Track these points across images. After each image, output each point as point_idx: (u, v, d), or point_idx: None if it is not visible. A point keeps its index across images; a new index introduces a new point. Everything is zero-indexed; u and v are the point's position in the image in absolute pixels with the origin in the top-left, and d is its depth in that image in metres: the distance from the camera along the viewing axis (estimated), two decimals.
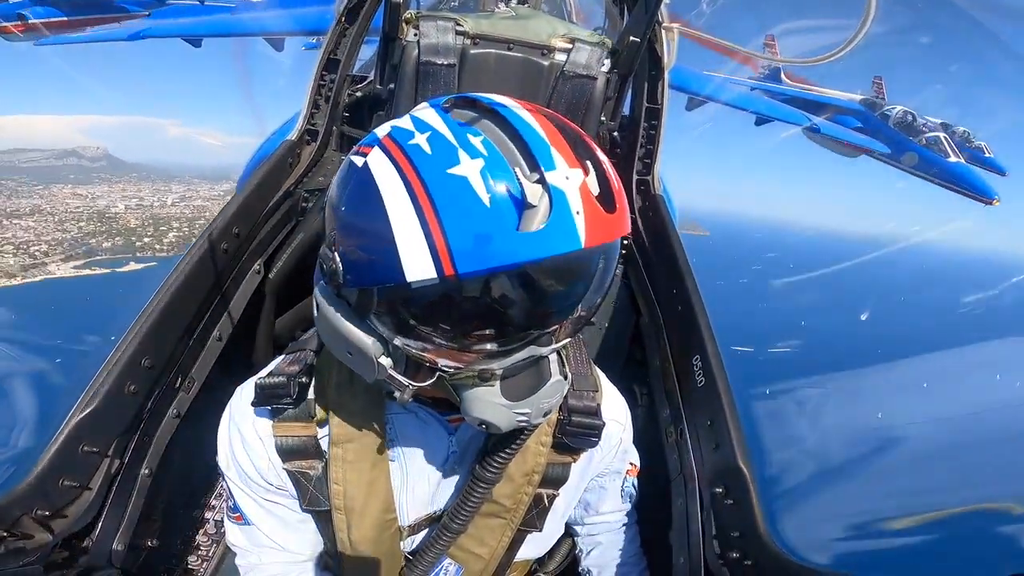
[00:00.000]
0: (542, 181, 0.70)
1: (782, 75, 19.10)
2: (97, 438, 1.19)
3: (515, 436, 0.99)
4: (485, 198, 0.69)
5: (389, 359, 0.84)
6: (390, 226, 0.71)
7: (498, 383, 0.83)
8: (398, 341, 0.81)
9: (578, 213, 0.70)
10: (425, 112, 0.80)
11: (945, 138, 15.26)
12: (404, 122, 0.80)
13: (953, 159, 15.08)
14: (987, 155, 16.16)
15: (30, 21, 15.81)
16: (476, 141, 0.73)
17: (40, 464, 1.07)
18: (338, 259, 0.80)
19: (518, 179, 0.70)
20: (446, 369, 0.83)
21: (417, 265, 0.70)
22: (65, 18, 16.77)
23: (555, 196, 0.69)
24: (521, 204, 0.69)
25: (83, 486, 1.16)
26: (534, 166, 0.71)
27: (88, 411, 1.16)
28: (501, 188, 0.69)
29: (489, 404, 0.83)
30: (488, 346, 0.79)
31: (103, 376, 1.21)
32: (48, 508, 1.07)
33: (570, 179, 0.71)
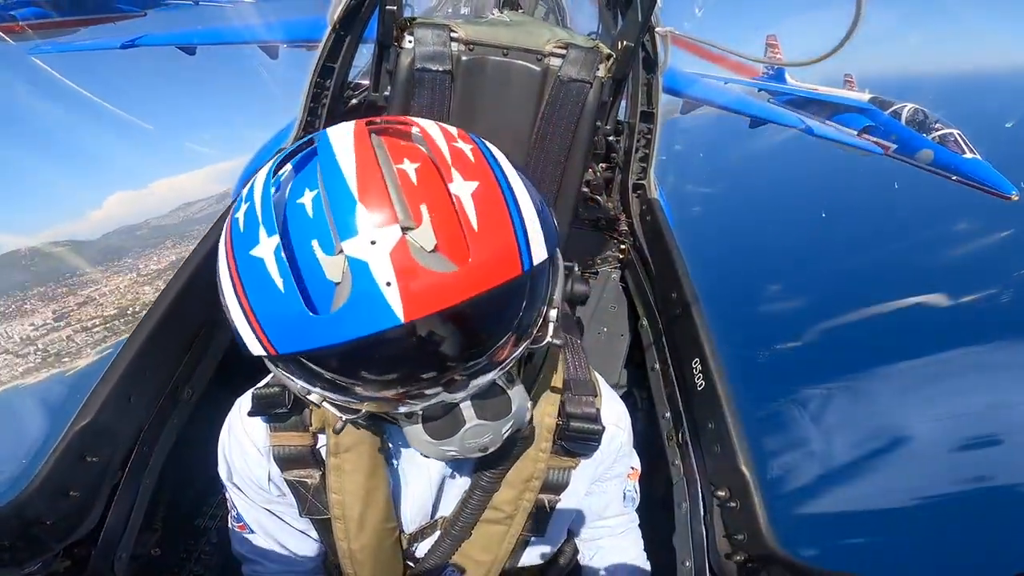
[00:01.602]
0: (344, 252, 0.63)
1: (787, 75, 19.05)
2: (99, 447, 1.19)
3: (511, 446, 1.00)
4: (279, 282, 0.64)
5: (318, 395, 0.80)
6: (226, 303, 0.71)
7: (419, 422, 0.81)
8: (316, 389, 0.77)
9: (389, 284, 0.61)
10: (259, 175, 0.74)
11: (959, 134, 14.93)
12: (244, 189, 0.75)
13: (969, 155, 14.75)
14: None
15: (23, 22, 15.73)
16: (305, 198, 0.67)
17: (42, 473, 1.07)
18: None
19: (315, 255, 0.64)
20: (366, 408, 0.81)
21: (252, 343, 0.69)
22: (60, 18, 16.71)
23: (355, 270, 0.62)
24: (321, 283, 0.64)
25: (85, 495, 1.16)
26: (336, 232, 0.63)
27: (89, 420, 1.16)
28: (296, 268, 0.64)
29: (417, 440, 0.83)
30: (387, 394, 0.76)
31: (104, 386, 1.21)
32: (51, 517, 1.07)
33: (378, 243, 0.62)
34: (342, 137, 0.71)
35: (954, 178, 14.87)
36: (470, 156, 0.73)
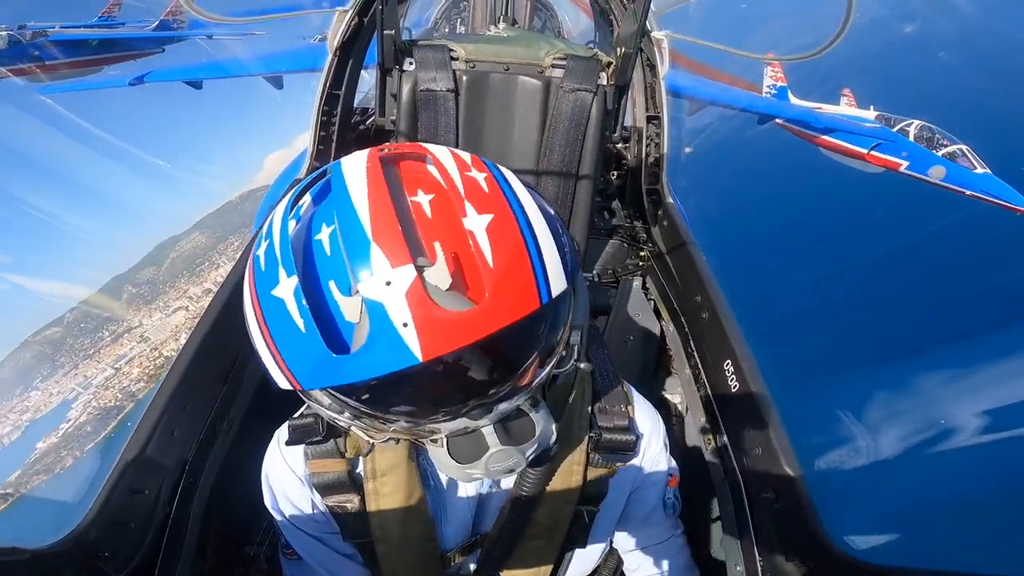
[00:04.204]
0: (360, 293, 0.63)
1: (789, 94, 18.88)
2: (148, 480, 1.22)
3: (546, 460, 1.00)
4: (300, 323, 0.64)
5: (346, 420, 0.81)
6: (252, 338, 0.73)
7: (444, 445, 0.81)
8: (343, 416, 0.79)
9: (406, 325, 0.61)
10: (277, 210, 0.75)
11: (968, 150, 14.75)
12: (265, 224, 0.76)
13: (980, 170, 14.55)
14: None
15: (47, 62, 16.27)
16: (323, 235, 0.67)
17: (95, 507, 1.09)
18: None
19: (333, 295, 0.65)
20: (393, 434, 0.82)
21: (278, 377, 0.71)
22: (84, 58, 17.33)
23: (372, 311, 0.62)
24: (340, 323, 0.64)
25: (139, 527, 1.19)
26: (352, 273, 0.64)
27: (136, 455, 1.19)
28: (316, 309, 0.64)
29: (442, 463, 0.83)
30: (408, 423, 0.77)
31: (147, 421, 1.24)
32: (109, 549, 1.10)
33: (392, 284, 0.62)
34: (355, 170, 0.71)
35: (968, 193, 14.61)
36: (484, 186, 0.72)
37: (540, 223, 0.72)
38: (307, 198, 0.78)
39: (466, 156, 0.77)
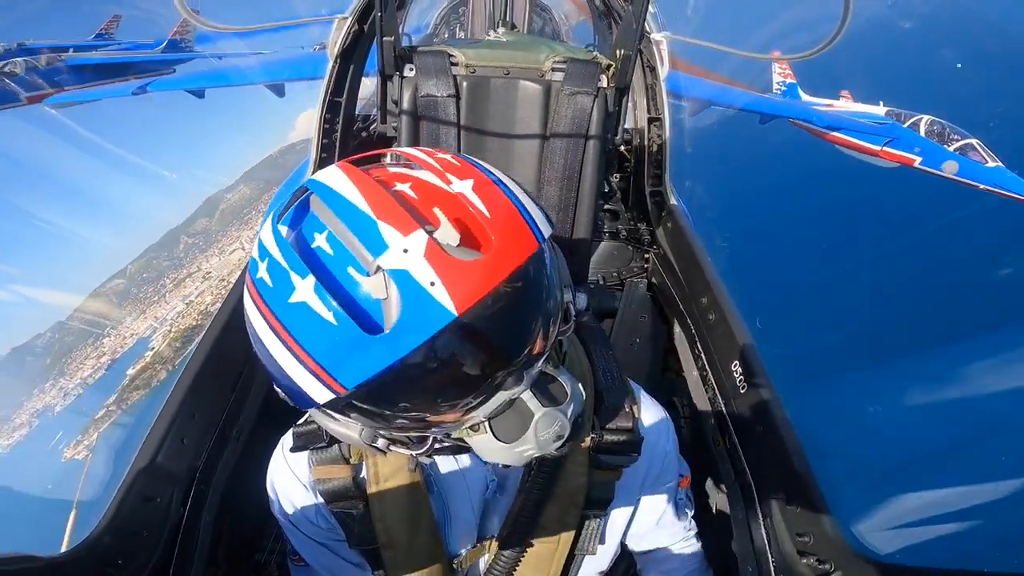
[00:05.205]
0: (381, 268, 0.65)
1: (799, 91, 18.84)
2: (160, 488, 1.23)
3: (550, 461, 1.00)
4: (329, 316, 0.65)
5: (383, 439, 0.83)
6: (276, 361, 0.71)
7: (488, 429, 0.80)
8: (381, 433, 0.80)
9: (433, 284, 0.64)
10: (265, 231, 0.75)
11: (979, 143, 14.79)
12: (255, 248, 0.76)
13: (991, 164, 14.64)
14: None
15: (64, 87, 16.47)
16: (319, 241, 0.69)
17: (108, 515, 1.10)
18: (274, 384, 0.78)
19: (354, 279, 0.66)
20: (433, 434, 0.82)
21: (315, 390, 0.69)
22: (98, 81, 17.53)
23: (398, 280, 0.64)
24: (368, 304, 0.66)
25: (152, 535, 1.19)
26: (367, 254, 0.66)
27: (148, 463, 1.20)
28: (341, 298, 0.66)
29: (490, 449, 0.82)
30: (449, 416, 0.77)
31: (158, 430, 1.25)
32: (122, 557, 1.10)
33: (410, 250, 0.64)
34: (334, 176, 0.73)
35: (981, 187, 14.67)
36: (454, 161, 0.78)
37: (511, 183, 0.79)
38: (283, 227, 0.76)
39: (428, 149, 0.83)
